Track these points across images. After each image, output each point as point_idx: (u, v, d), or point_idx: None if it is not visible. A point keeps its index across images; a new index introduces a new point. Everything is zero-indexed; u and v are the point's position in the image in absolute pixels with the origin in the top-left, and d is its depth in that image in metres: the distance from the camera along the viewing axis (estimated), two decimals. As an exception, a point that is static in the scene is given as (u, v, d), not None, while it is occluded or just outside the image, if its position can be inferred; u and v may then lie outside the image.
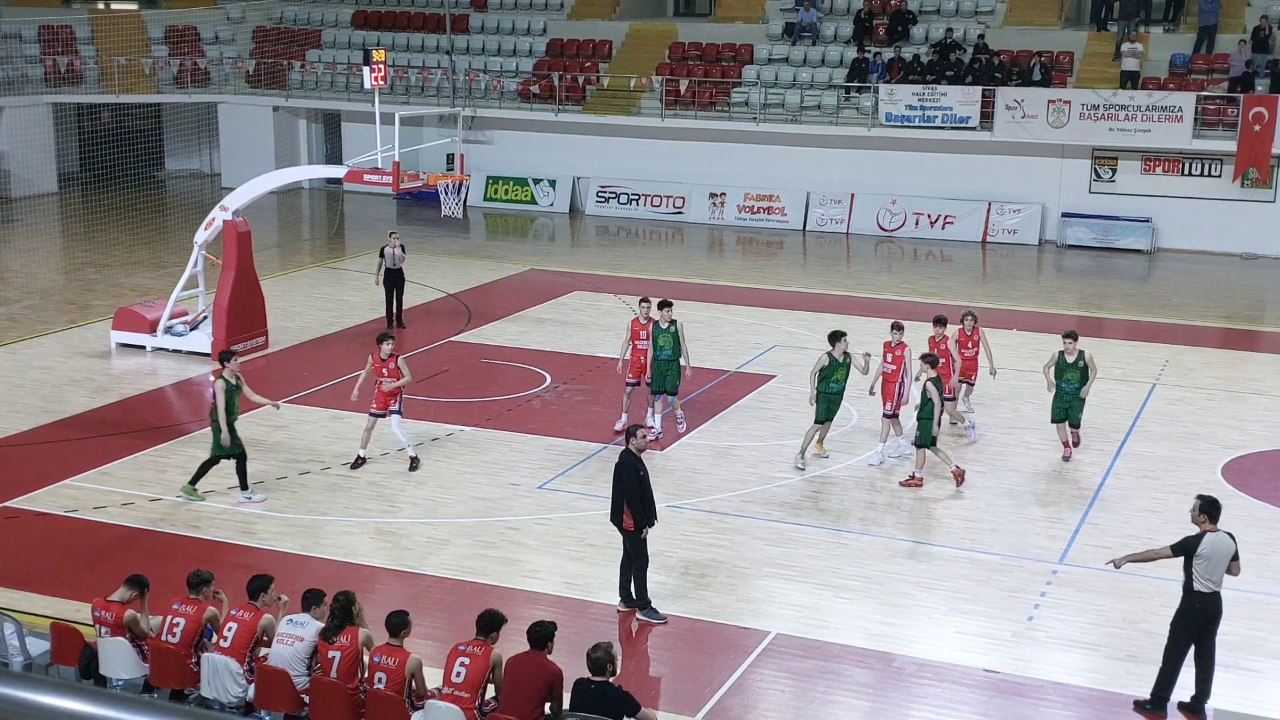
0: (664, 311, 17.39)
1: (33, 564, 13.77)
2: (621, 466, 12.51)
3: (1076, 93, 31.55)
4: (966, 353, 17.72)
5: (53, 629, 10.52)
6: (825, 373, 16.36)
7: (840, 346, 16.41)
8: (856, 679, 11.71)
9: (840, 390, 16.56)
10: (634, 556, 12.63)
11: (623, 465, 12.50)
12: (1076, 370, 16.82)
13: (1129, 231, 31.71)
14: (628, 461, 12.46)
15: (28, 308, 24.81)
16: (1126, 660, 11.95)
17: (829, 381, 16.42)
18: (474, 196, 35.07)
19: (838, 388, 16.52)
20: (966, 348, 17.74)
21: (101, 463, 16.40)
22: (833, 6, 36.78)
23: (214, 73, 39.79)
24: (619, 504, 12.54)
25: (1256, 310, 26.78)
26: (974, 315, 18.13)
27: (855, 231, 33.61)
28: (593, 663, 9.36)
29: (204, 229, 21.45)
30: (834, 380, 16.44)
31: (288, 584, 11.26)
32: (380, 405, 16.31)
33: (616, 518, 12.61)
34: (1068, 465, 16.88)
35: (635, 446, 12.50)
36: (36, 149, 36.05)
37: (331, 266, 29.16)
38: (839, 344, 16.43)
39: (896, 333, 16.93)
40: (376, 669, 9.50)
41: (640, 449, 12.53)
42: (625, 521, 12.50)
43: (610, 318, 24.09)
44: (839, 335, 16.61)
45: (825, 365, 16.32)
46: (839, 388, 16.53)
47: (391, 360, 16.24)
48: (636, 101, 35.58)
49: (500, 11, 39.96)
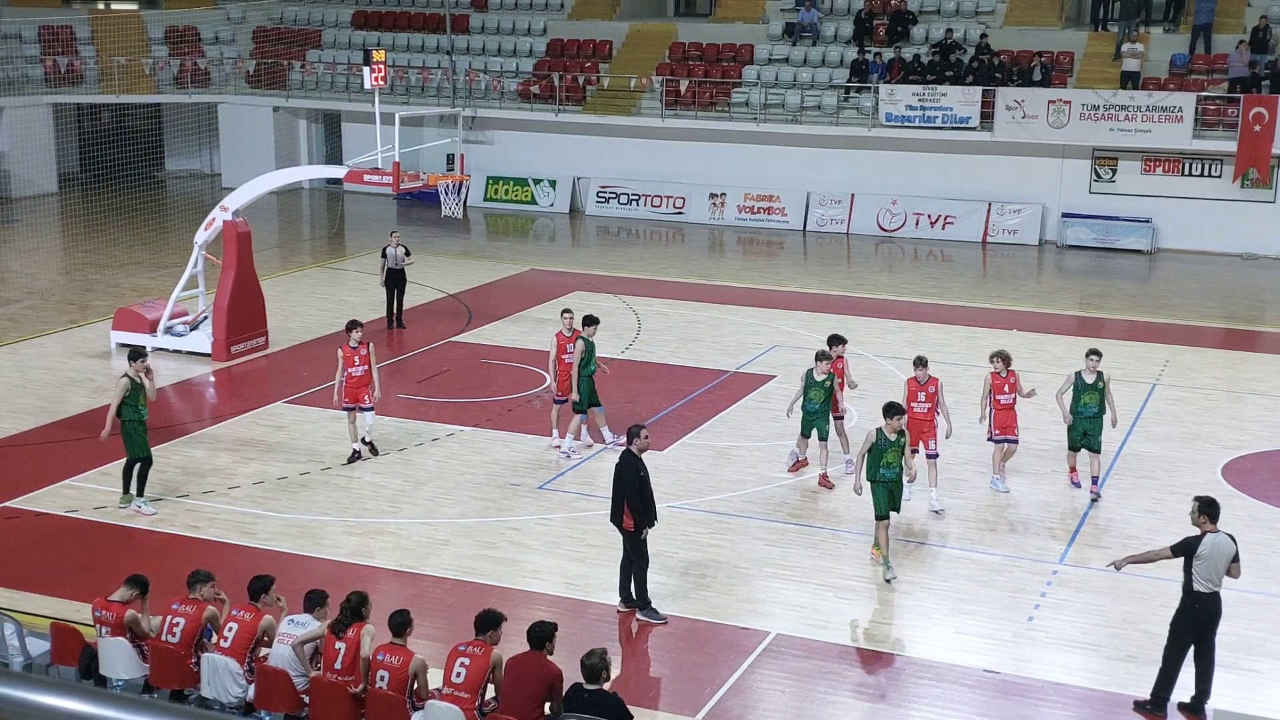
0: (590, 328, 16.91)
1: (33, 564, 13.77)
2: (622, 467, 12.51)
3: (1077, 93, 31.54)
4: (1003, 398, 15.70)
5: (53, 629, 10.52)
6: (805, 388, 15.86)
7: (823, 366, 15.83)
8: (856, 679, 11.71)
9: (816, 410, 15.91)
10: (634, 557, 12.63)
11: (623, 466, 12.51)
12: (1096, 392, 15.56)
13: (1129, 232, 31.70)
14: (628, 462, 12.46)
15: (28, 308, 24.82)
16: (1126, 661, 11.95)
17: (806, 397, 15.85)
18: (474, 197, 35.08)
19: (813, 407, 15.87)
20: (1003, 391, 15.70)
21: (101, 463, 16.38)
22: (833, 6, 36.77)
23: (214, 73, 39.79)
24: (619, 504, 12.54)
25: (1256, 310, 26.78)
26: (1004, 357, 15.89)
27: (855, 232, 33.61)
28: (587, 669, 9.34)
29: (204, 229, 21.46)
30: (809, 399, 15.85)
31: (288, 584, 11.26)
32: (351, 398, 16.32)
33: (617, 518, 12.61)
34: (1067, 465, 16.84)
35: (637, 447, 12.51)
36: (36, 149, 36.05)
37: (332, 267, 29.16)
38: (821, 364, 15.85)
39: (922, 369, 15.58)
40: (379, 668, 9.51)
41: (641, 449, 12.54)
42: (625, 522, 12.50)
43: (610, 318, 24.05)
44: (823, 355, 15.97)
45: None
46: (814, 407, 15.87)
47: (362, 348, 16.26)
48: (636, 102, 35.58)
49: (500, 11, 39.96)
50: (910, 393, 15.60)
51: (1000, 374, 15.79)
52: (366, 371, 16.33)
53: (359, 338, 16.37)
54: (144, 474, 14.99)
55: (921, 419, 15.36)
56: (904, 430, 13.63)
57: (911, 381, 15.72)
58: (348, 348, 16.34)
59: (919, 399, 15.52)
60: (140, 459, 14.89)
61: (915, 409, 15.32)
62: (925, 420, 15.41)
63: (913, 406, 15.30)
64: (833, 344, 16.51)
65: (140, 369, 14.91)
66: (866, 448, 13.54)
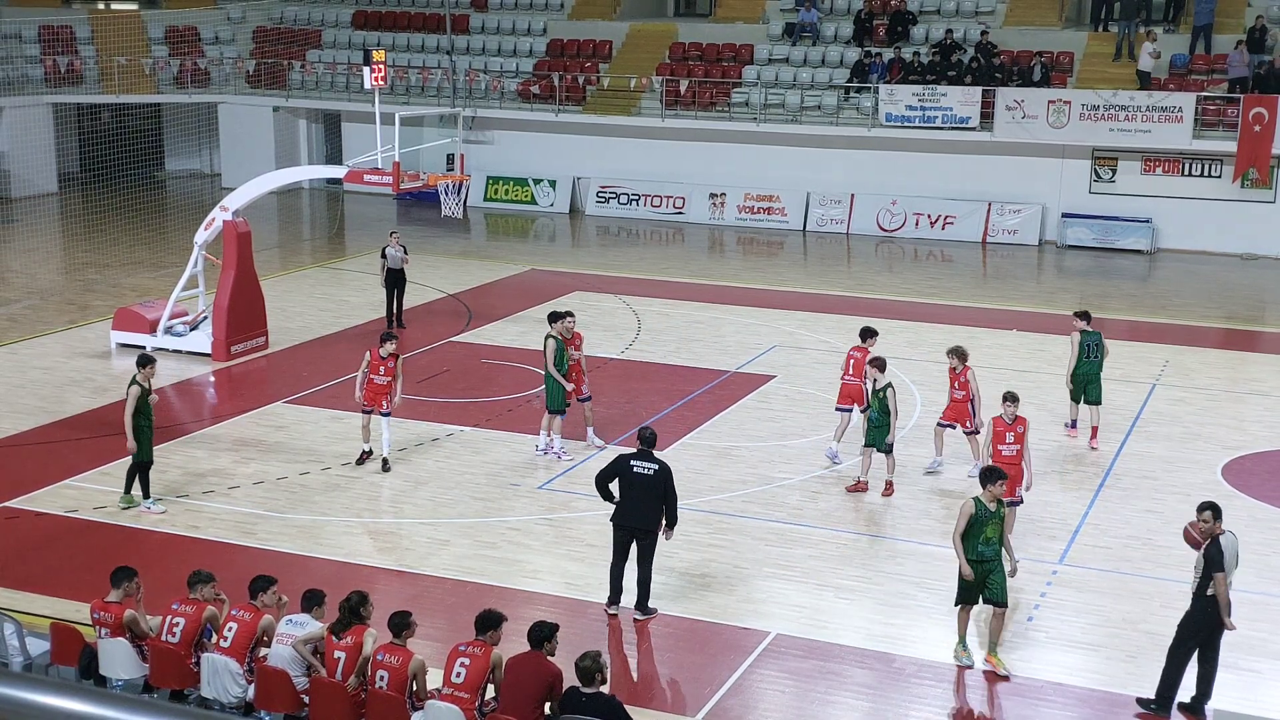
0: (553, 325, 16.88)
1: (33, 564, 13.78)
2: (665, 473, 12.49)
3: (1076, 93, 31.55)
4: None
5: (53, 629, 10.52)
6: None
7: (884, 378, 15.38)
8: (856, 679, 11.71)
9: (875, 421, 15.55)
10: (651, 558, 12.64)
11: (666, 472, 12.50)
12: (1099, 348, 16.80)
13: (1129, 232, 31.70)
14: (666, 467, 12.54)
15: (28, 308, 24.82)
16: (1127, 661, 11.95)
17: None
18: (474, 197, 35.07)
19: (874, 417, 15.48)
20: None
21: (101, 463, 16.39)
22: (833, 6, 36.77)
23: (214, 73, 39.79)
24: (655, 509, 12.48)
25: (1256, 311, 26.78)
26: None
27: (855, 232, 33.60)
28: (581, 672, 9.32)
29: (204, 229, 21.46)
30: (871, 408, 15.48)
31: (288, 584, 11.25)
32: (370, 400, 16.33)
33: (650, 521, 12.53)
34: (1067, 465, 16.85)
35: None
36: (36, 149, 36.05)
37: (332, 267, 29.16)
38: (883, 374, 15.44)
39: (1011, 405, 14.11)
40: (379, 668, 9.51)
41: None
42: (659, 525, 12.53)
43: (610, 318, 24.10)
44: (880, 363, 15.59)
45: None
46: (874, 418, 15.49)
47: (391, 360, 16.26)
48: (636, 102, 35.58)
49: (500, 11, 39.96)
50: (996, 433, 13.93)
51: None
52: (390, 382, 16.30)
53: (392, 349, 16.27)
54: (146, 476, 15.03)
55: (1009, 463, 13.54)
56: (1003, 500, 11.83)
57: (998, 420, 14.03)
58: (376, 354, 16.28)
59: (1006, 440, 13.86)
60: (146, 462, 14.95)
61: (1002, 451, 13.78)
62: (1012, 464, 13.61)
63: (999, 449, 13.82)
64: (865, 337, 16.72)
65: (149, 375, 15.01)
66: (965, 522, 11.55)
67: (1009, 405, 14.06)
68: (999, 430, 13.96)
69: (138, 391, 14.71)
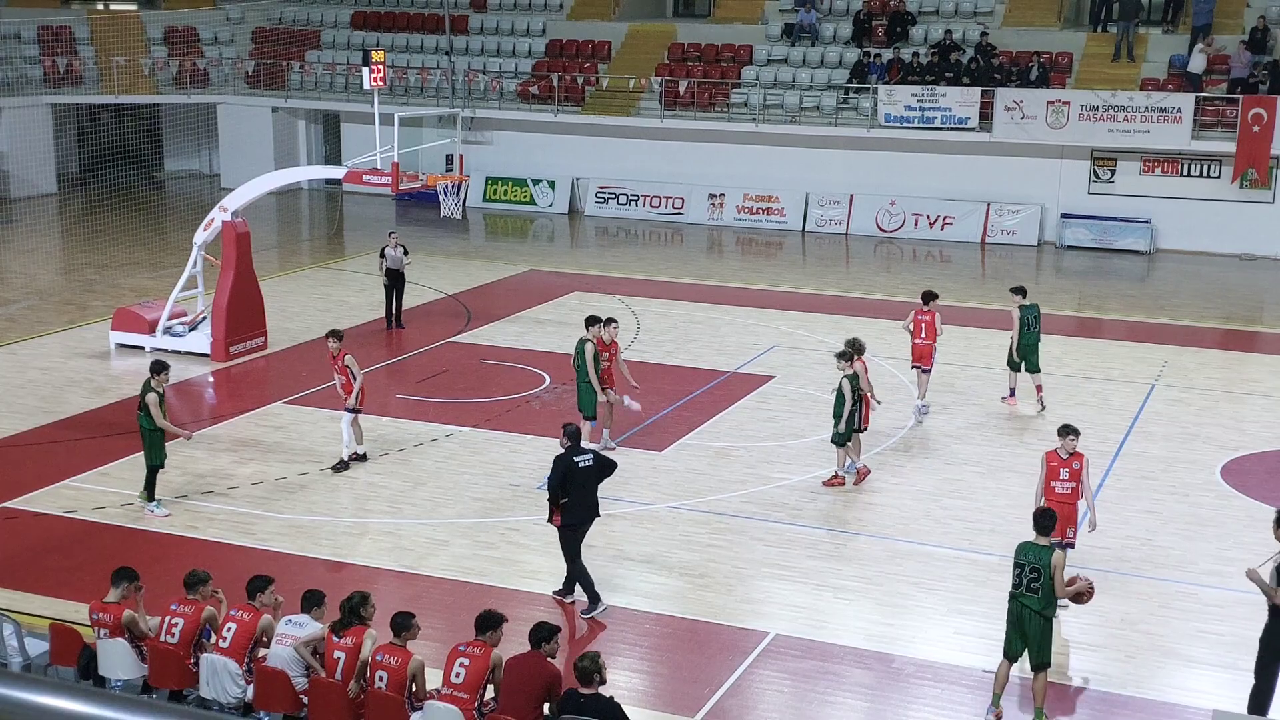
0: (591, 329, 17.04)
1: (32, 564, 13.77)
2: (600, 458, 13.04)
3: (1075, 94, 31.55)
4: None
5: (52, 629, 10.51)
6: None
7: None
8: (856, 679, 11.71)
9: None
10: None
11: (601, 457, 13.12)
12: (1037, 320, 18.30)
13: (1128, 232, 31.71)
14: (597, 453, 13.29)
15: (27, 308, 24.81)
16: (1126, 661, 11.96)
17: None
18: (473, 197, 35.09)
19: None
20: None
21: (101, 463, 16.40)
22: (832, 7, 36.78)
23: (213, 73, 39.79)
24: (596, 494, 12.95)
25: (1255, 311, 26.79)
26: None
27: (854, 232, 33.61)
28: (580, 672, 9.30)
29: (203, 229, 21.45)
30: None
31: (287, 584, 11.25)
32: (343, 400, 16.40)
33: (597, 506, 13.01)
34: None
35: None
36: (36, 149, 36.03)
37: (331, 267, 29.16)
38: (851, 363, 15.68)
39: (1071, 439, 12.79)
40: (378, 668, 9.51)
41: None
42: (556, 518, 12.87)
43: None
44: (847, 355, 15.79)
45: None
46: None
47: (342, 355, 16.21)
48: (636, 102, 35.58)
49: (500, 12, 39.96)
50: (1050, 469, 12.71)
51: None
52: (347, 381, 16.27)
53: (336, 347, 16.28)
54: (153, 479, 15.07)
55: (1063, 501, 12.48)
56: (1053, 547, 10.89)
57: (1052, 455, 12.81)
58: (330, 356, 16.39)
59: (1061, 476, 12.66)
60: (159, 466, 15.00)
61: (1056, 489, 12.62)
62: (1067, 503, 12.54)
63: (1053, 486, 12.64)
64: (927, 300, 18.53)
65: (164, 381, 15.05)
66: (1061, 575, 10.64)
67: (1069, 439, 12.73)
68: (1053, 466, 12.69)
69: (156, 399, 14.76)
